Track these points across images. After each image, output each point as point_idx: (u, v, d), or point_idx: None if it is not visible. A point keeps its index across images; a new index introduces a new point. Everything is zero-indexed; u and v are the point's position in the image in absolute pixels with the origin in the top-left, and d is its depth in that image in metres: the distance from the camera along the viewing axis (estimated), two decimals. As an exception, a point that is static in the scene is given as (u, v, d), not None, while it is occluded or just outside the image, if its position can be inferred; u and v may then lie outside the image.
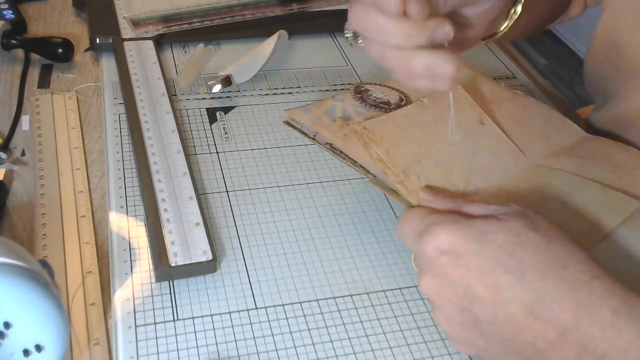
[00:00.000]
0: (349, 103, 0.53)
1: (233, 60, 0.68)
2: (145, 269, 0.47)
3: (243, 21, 0.76)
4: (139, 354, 0.41)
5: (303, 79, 0.70)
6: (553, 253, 0.36)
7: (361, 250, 0.50)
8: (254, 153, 0.59)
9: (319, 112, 0.51)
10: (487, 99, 0.55)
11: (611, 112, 0.62)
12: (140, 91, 0.62)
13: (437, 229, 0.38)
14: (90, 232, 0.49)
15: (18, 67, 0.67)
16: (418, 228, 0.40)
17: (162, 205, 0.50)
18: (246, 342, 0.43)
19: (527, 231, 0.37)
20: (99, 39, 0.70)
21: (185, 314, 0.44)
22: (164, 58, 0.70)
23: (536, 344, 0.35)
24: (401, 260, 0.49)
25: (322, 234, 0.51)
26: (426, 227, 0.39)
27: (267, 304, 0.45)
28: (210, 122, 0.62)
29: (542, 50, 1.41)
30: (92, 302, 0.44)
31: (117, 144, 0.58)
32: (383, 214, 0.53)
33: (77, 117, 0.61)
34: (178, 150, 0.55)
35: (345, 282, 0.47)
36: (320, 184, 0.56)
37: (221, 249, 0.49)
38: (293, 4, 0.79)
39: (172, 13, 0.76)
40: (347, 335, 0.44)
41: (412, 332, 0.44)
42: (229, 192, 0.54)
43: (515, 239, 0.36)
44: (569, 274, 0.35)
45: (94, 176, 0.55)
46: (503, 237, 0.37)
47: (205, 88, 0.66)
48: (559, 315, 0.34)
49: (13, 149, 0.57)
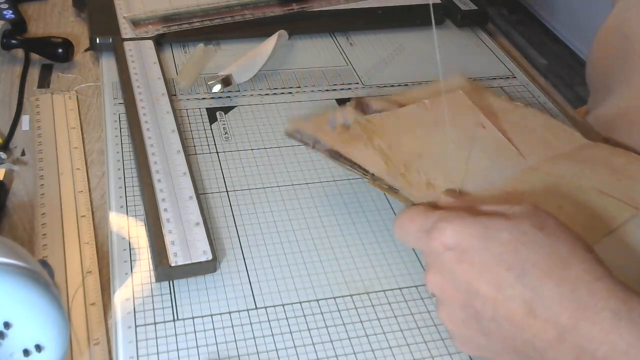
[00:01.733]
0: (349, 114, 0.53)
1: (233, 60, 0.69)
2: (145, 269, 0.47)
3: (243, 21, 0.76)
4: (139, 354, 0.41)
5: (303, 79, 0.70)
6: (557, 252, 0.36)
7: (361, 250, 0.50)
8: (254, 153, 0.59)
9: (320, 121, 0.52)
10: (489, 107, 0.56)
11: (613, 106, 0.62)
12: (140, 91, 0.62)
13: (444, 225, 0.38)
14: (90, 232, 0.49)
15: (18, 67, 0.67)
16: (424, 225, 0.40)
17: (162, 205, 0.50)
18: (246, 342, 0.43)
19: (533, 230, 0.37)
20: (99, 39, 0.70)
21: (185, 314, 0.44)
22: (164, 58, 0.70)
23: (535, 343, 0.35)
24: (401, 260, 0.49)
25: (322, 234, 0.51)
26: (433, 224, 0.39)
27: (267, 304, 0.45)
28: (210, 122, 0.62)
29: (542, 50, 1.42)
30: (92, 302, 0.44)
31: (117, 144, 0.58)
32: (383, 214, 0.53)
33: (77, 117, 0.61)
34: (178, 150, 0.55)
35: (345, 282, 0.47)
36: (320, 184, 0.56)
37: (221, 249, 0.49)
38: (293, 4, 0.79)
39: (172, 13, 0.76)
40: (347, 335, 0.44)
41: (412, 332, 0.44)
42: (229, 192, 0.54)
43: (520, 236, 0.36)
44: (571, 274, 0.35)
45: (94, 176, 0.55)
46: (508, 235, 0.37)
47: (205, 88, 0.66)
48: (558, 315, 0.34)
49: (13, 149, 0.57)
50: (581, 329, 0.34)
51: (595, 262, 0.36)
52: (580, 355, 0.34)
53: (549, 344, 0.35)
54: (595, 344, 0.33)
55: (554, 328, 0.34)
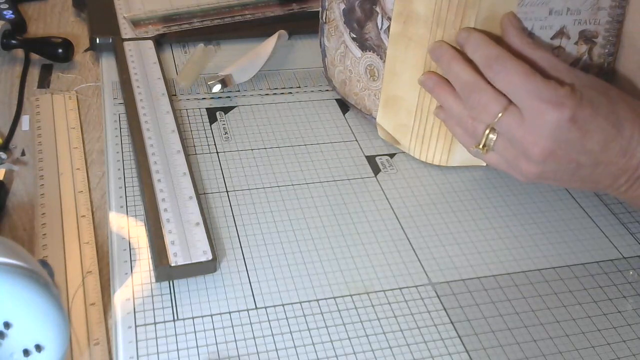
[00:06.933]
0: None
1: (233, 60, 0.69)
2: (145, 269, 0.47)
3: (243, 21, 0.76)
4: (139, 354, 0.41)
5: (303, 79, 0.70)
6: (634, 108, 0.46)
7: (361, 250, 0.50)
8: (254, 153, 0.59)
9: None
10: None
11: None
12: (140, 91, 0.62)
13: (566, 101, 0.44)
14: (90, 232, 0.49)
15: (18, 67, 0.67)
16: (544, 94, 0.44)
17: (162, 205, 0.50)
18: (246, 342, 0.43)
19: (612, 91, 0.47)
20: (99, 39, 0.70)
21: (185, 314, 0.44)
22: (164, 58, 0.70)
23: (615, 173, 0.47)
24: (401, 260, 0.50)
25: (322, 234, 0.51)
26: (556, 97, 0.44)
27: (267, 304, 0.45)
28: (210, 122, 0.62)
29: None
30: (92, 302, 0.44)
31: (117, 144, 0.58)
32: (383, 214, 0.53)
33: (77, 117, 0.61)
34: (178, 150, 0.55)
35: (345, 282, 0.47)
36: (320, 184, 0.56)
37: (221, 249, 0.49)
38: (293, 4, 0.79)
39: (172, 13, 0.76)
40: (347, 335, 0.44)
41: (412, 332, 0.44)
42: (229, 192, 0.54)
43: (611, 98, 0.46)
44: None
45: (94, 176, 0.55)
46: (605, 100, 0.45)
47: (205, 88, 0.66)
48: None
49: (13, 149, 0.57)
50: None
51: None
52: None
53: (624, 171, 0.46)
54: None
55: (637, 159, 0.45)
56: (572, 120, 0.44)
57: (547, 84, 0.44)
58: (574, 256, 0.51)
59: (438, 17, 0.50)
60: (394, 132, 0.59)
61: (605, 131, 0.45)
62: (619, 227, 0.54)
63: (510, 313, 0.46)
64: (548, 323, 0.46)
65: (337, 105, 0.66)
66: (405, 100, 0.56)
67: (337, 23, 0.61)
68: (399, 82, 0.56)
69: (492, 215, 0.54)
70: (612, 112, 0.45)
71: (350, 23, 0.59)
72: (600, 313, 0.47)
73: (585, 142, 0.45)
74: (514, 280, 0.49)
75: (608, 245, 0.52)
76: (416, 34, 0.53)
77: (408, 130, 0.58)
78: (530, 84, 0.45)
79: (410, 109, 0.56)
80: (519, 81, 0.45)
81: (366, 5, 0.56)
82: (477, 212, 0.54)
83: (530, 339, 0.44)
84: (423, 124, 0.56)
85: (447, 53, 0.50)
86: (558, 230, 0.53)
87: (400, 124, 0.58)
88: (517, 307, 0.46)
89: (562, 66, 0.47)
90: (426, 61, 0.53)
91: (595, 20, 0.53)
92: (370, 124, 0.62)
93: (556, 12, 0.51)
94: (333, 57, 0.64)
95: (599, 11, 0.52)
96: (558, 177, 0.48)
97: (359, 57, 0.60)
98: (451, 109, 0.51)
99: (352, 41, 0.60)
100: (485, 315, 0.46)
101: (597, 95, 0.45)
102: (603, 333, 0.45)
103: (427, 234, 0.52)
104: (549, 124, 0.44)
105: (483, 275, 0.49)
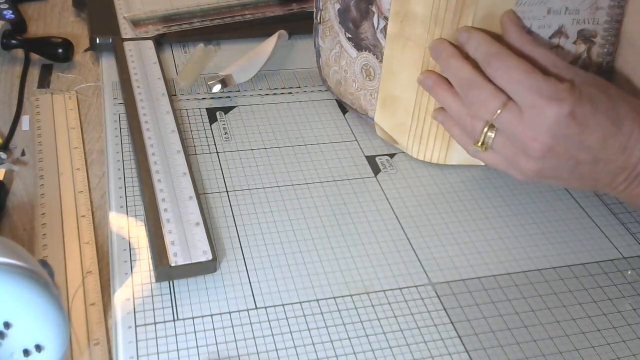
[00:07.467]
0: None
1: (233, 60, 0.69)
2: (145, 269, 0.47)
3: (243, 21, 0.76)
4: (139, 354, 0.41)
5: (303, 79, 0.70)
6: (634, 106, 0.46)
7: (361, 250, 0.50)
8: (254, 153, 0.59)
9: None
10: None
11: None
12: (140, 91, 0.62)
13: (566, 96, 0.44)
14: (90, 232, 0.49)
15: (18, 67, 0.67)
16: (544, 89, 0.44)
17: (162, 205, 0.50)
18: (246, 342, 0.43)
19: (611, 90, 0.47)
20: (99, 39, 0.70)
21: (185, 314, 0.44)
22: (164, 58, 0.70)
23: (614, 171, 0.46)
24: (401, 260, 0.50)
25: (322, 234, 0.51)
26: (556, 92, 0.44)
27: (267, 304, 0.45)
28: (210, 122, 0.62)
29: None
30: (92, 302, 0.44)
31: (117, 144, 0.58)
32: (383, 214, 0.53)
33: (77, 117, 0.61)
34: (178, 150, 0.55)
35: (345, 282, 0.47)
36: (320, 184, 0.56)
37: (221, 249, 0.49)
38: (293, 4, 0.79)
39: (172, 13, 0.76)
40: (347, 335, 0.44)
41: (412, 332, 0.44)
42: (229, 192, 0.54)
43: (610, 96, 0.46)
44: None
45: (94, 176, 0.55)
46: (605, 98, 0.45)
47: (205, 88, 0.66)
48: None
49: (13, 149, 0.57)
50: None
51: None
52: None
53: (623, 169, 0.46)
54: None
55: (636, 157, 0.45)
56: (571, 115, 0.44)
57: (546, 80, 0.44)
58: (574, 256, 0.51)
59: (436, 16, 0.51)
60: (391, 131, 0.59)
61: (605, 128, 0.45)
62: (619, 227, 0.54)
63: (510, 313, 0.46)
64: (548, 323, 0.46)
65: (337, 105, 0.66)
66: (403, 100, 0.56)
67: (332, 23, 0.61)
68: (397, 81, 0.56)
69: (492, 215, 0.54)
70: (612, 110, 0.45)
71: (345, 23, 0.59)
72: (600, 313, 0.47)
73: (584, 138, 0.45)
74: (514, 280, 0.49)
75: (608, 245, 0.52)
76: (414, 33, 0.53)
77: (406, 130, 0.58)
78: (530, 80, 0.45)
79: (408, 108, 0.56)
80: (518, 77, 0.45)
81: (362, 5, 0.56)
82: (477, 212, 0.54)
83: (530, 339, 0.44)
84: (421, 123, 0.56)
85: (447, 50, 0.50)
86: (558, 230, 0.53)
87: (398, 123, 0.58)
88: (517, 307, 0.46)
89: (562, 64, 0.47)
90: (424, 60, 0.53)
91: (594, 19, 0.53)
92: (370, 124, 0.62)
93: (554, 12, 0.51)
94: (328, 57, 0.64)
95: (597, 11, 0.52)
96: (557, 175, 0.48)
97: (354, 57, 0.60)
98: (450, 107, 0.51)
99: (348, 41, 0.60)
100: (485, 315, 0.46)
101: (597, 92, 0.45)
102: (603, 333, 0.45)
103: (427, 234, 0.52)
104: (548, 119, 0.44)
105: (483, 275, 0.49)
